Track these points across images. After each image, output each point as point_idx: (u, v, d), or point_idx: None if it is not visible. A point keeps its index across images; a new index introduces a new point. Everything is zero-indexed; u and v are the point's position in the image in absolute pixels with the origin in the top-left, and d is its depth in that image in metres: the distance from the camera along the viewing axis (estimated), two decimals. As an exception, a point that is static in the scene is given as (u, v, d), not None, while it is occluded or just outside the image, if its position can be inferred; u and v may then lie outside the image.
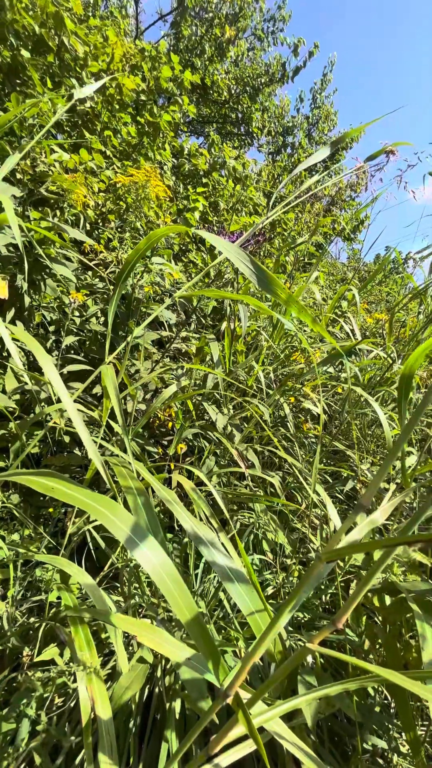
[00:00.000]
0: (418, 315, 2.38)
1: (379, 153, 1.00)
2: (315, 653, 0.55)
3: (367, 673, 0.37)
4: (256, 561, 1.12)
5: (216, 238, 0.69)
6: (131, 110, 2.90)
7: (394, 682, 0.30)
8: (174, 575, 0.41)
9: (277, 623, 0.32)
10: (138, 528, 0.42)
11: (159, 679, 0.71)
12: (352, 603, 0.33)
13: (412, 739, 0.58)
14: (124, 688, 0.57)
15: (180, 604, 0.40)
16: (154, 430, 1.55)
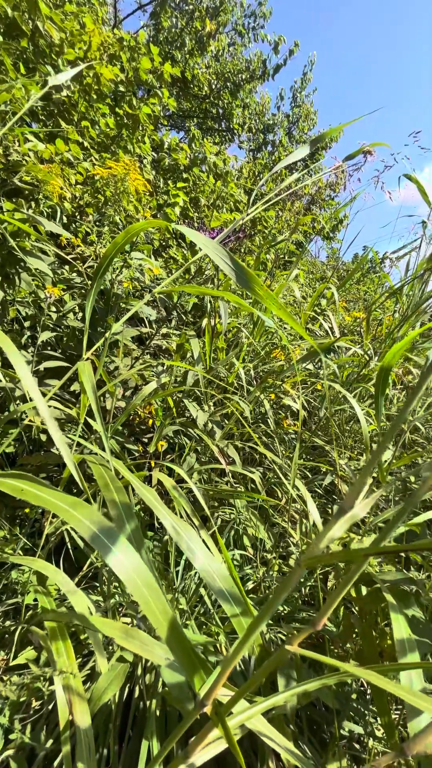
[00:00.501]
0: (394, 313, 2.44)
1: (357, 153, 1.02)
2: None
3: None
4: (236, 556, 1.13)
5: (196, 234, 0.69)
6: (109, 101, 2.84)
7: (369, 680, 0.30)
8: (148, 580, 0.39)
9: (253, 634, 0.32)
10: (110, 531, 0.41)
11: (139, 678, 0.71)
12: (331, 604, 0.33)
13: (387, 723, 0.60)
14: (103, 688, 0.56)
15: (155, 611, 0.37)
16: (134, 427, 1.54)
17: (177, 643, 0.35)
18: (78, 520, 0.39)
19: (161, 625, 0.35)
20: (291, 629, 0.78)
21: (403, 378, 2.05)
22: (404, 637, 0.55)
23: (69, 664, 0.48)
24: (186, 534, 0.59)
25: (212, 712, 0.32)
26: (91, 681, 0.76)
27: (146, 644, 0.50)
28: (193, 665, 0.35)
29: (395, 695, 0.76)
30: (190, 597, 0.93)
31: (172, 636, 0.35)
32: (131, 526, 0.46)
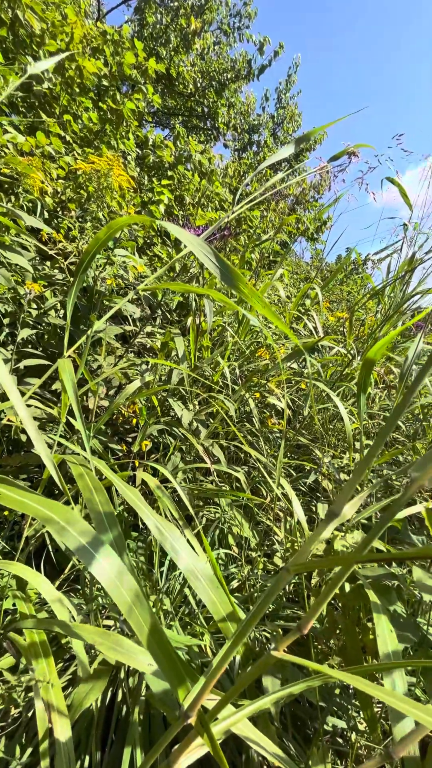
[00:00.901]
0: (376, 314, 2.49)
1: (342, 153, 1.02)
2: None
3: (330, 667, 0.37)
4: (221, 555, 1.13)
5: (180, 230, 0.68)
6: (93, 95, 2.79)
7: (354, 685, 0.30)
8: (132, 587, 0.38)
9: (238, 644, 0.31)
10: (92, 537, 0.40)
11: (122, 681, 0.70)
12: (317, 608, 0.33)
13: (370, 717, 0.60)
14: (84, 694, 0.55)
15: (138, 619, 0.36)
16: (117, 427, 1.51)
17: (160, 651, 0.34)
18: (57, 525, 0.37)
19: (144, 634, 0.34)
20: (276, 628, 0.79)
21: (384, 377, 2.09)
22: (386, 635, 0.55)
23: (48, 671, 0.47)
24: (170, 534, 0.58)
25: (197, 722, 0.32)
26: (73, 686, 0.74)
27: (130, 651, 0.48)
28: (177, 675, 0.34)
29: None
30: (175, 597, 0.92)
31: (156, 644, 0.34)
32: (113, 531, 0.45)
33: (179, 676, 0.33)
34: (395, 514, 0.27)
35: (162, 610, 0.86)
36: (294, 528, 1.15)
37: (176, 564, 0.54)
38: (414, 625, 0.60)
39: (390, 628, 0.52)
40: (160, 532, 0.58)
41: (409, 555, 0.21)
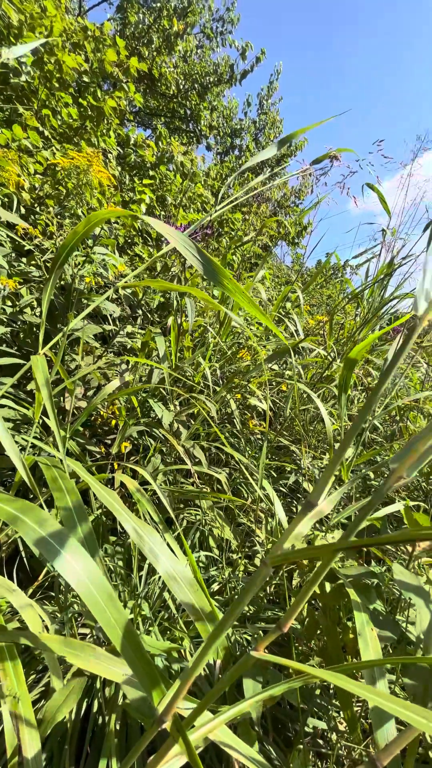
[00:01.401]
0: (355, 317, 2.53)
1: (324, 157, 1.04)
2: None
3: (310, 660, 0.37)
4: (202, 558, 1.11)
5: (163, 225, 0.66)
6: (72, 91, 2.74)
7: (336, 683, 0.30)
8: (103, 587, 0.36)
9: (215, 642, 0.30)
10: (59, 533, 0.38)
11: (98, 691, 0.67)
12: (298, 605, 0.32)
13: (350, 717, 0.60)
14: (57, 706, 0.52)
15: (111, 621, 0.34)
16: (95, 428, 1.48)
17: (134, 655, 0.32)
18: (22, 523, 0.35)
19: (116, 635, 0.32)
20: (256, 630, 0.78)
21: (363, 379, 2.13)
22: (367, 633, 0.55)
23: (18, 685, 0.44)
24: (149, 537, 0.56)
25: (173, 728, 0.30)
26: (46, 698, 0.71)
27: (102, 661, 0.46)
28: (151, 678, 0.32)
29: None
30: (154, 602, 0.90)
31: (129, 648, 0.32)
32: (84, 528, 0.43)
33: (153, 679, 0.32)
34: (377, 503, 0.26)
35: (140, 616, 0.83)
36: (275, 529, 1.14)
37: (155, 568, 0.52)
38: (393, 623, 0.60)
39: (371, 626, 0.52)
40: (139, 536, 0.56)
41: (390, 539, 0.20)
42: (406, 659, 0.29)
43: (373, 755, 0.31)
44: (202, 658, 0.32)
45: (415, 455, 0.27)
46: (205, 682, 0.68)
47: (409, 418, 1.88)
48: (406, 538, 0.25)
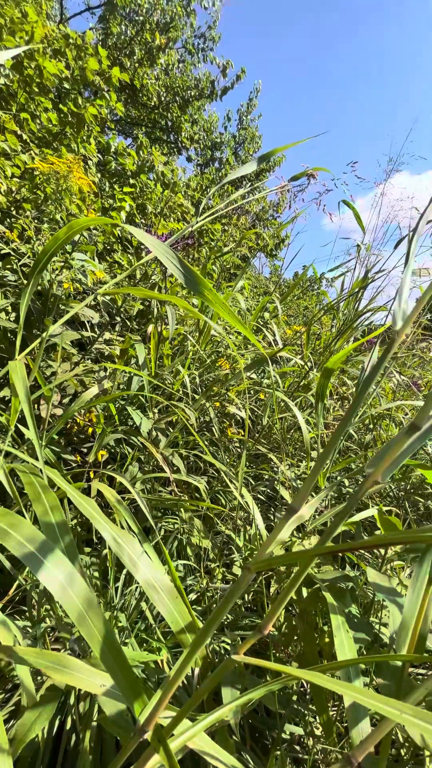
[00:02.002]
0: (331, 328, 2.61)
1: (302, 175, 1.08)
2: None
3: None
4: (179, 567, 1.10)
5: (145, 234, 0.67)
6: (53, 96, 2.73)
7: (313, 681, 0.31)
8: (85, 594, 0.36)
9: (197, 649, 0.30)
10: (42, 543, 0.37)
11: (72, 707, 0.65)
12: (278, 608, 0.33)
13: (325, 721, 0.61)
14: (28, 725, 0.50)
15: (92, 629, 0.34)
16: (71, 436, 1.45)
17: (115, 664, 0.32)
18: (3, 532, 0.34)
19: (97, 642, 0.32)
20: (235, 637, 0.78)
21: (338, 388, 2.19)
22: (342, 636, 0.57)
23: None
24: (128, 545, 0.56)
25: (153, 737, 0.30)
26: (17, 717, 0.68)
27: (80, 672, 0.45)
28: (133, 687, 0.32)
29: (334, 692, 0.79)
30: (131, 613, 0.88)
31: (110, 655, 0.32)
32: (65, 538, 0.42)
33: (135, 689, 0.32)
34: (353, 506, 0.27)
35: (117, 627, 0.82)
36: (254, 536, 1.15)
37: (134, 576, 0.52)
38: (367, 625, 0.62)
39: (346, 629, 0.54)
40: (118, 544, 0.56)
41: (366, 543, 0.22)
42: (377, 657, 0.30)
43: (348, 754, 0.32)
44: (185, 665, 0.32)
45: (389, 460, 0.29)
46: (183, 693, 0.67)
47: (382, 427, 1.95)
48: (381, 542, 0.26)
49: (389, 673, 0.53)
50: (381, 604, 0.76)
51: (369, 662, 0.61)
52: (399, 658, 0.28)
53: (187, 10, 7.47)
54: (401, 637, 0.40)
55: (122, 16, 7.22)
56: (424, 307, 3.11)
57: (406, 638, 0.40)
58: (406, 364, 2.81)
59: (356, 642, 0.56)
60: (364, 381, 0.33)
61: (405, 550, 0.82)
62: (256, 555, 0.28)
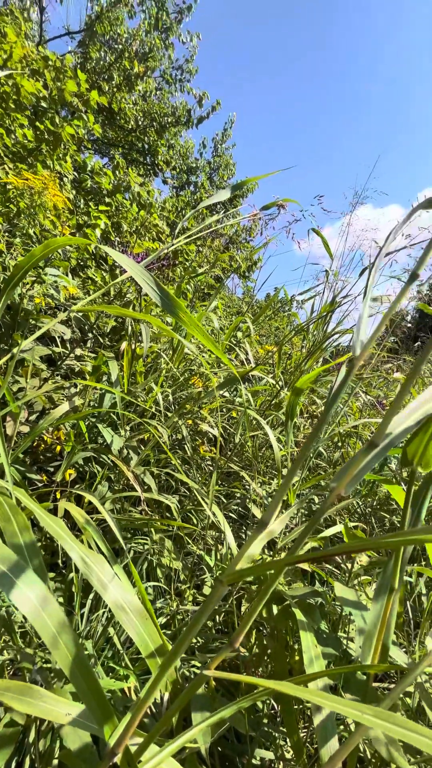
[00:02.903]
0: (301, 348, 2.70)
1: (272, 205, 1.14)
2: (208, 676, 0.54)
3: (258, 688, 0.38)
4: (149, 590, 1.07)
5: (121, 255, 0.69)
6: (29, 113, 2.74)
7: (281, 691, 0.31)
8: (57, 614, 0.35)
9: (167, 668, 0.30)
10: (13, 562, 0.36)
11: (32, 745, 0.61)
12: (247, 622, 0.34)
13: (296, 743, 0.61)
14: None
15: (63, 648, 0.34)
16: (38, 455, 1.40)
17: (86, 684, 0.31)
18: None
19: (67, 665, 0.31)
20: (206, 659, 0.76)
21: (308, 407, 2.25)
22: (311, 651, 0.57)
23: None
24: (96, 566, 0.54)
25: (123, 760, 0.29)
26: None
27: (44, 702, 0.43)
28: (104, 710, 0.31)
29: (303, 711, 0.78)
30: (97, 640, 0.85)
31: (82, 677, 0.31)
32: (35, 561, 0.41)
33: (106, 711, 0.31)
34: (320, 518, 0.29)
35: (82, 657, 0.78)
36: (225, 555, 1.15)
37: (103, 597, 0.51)
38: (336, 640, 0.63)
39: (315, 644, 0.54)
40: (86, 564, 0.54)
41: (334, 551, 0.23)
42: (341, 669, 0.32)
43: None
44: (155, 685, 0.32)
45: (351, 475, 0.31)
46: (153, 721, 0.65)
47: (350, 444, 2.01)
48: (345, 550, 0.28)
49: (356, 687, 0.54)
50: (349, 618, 0.77)
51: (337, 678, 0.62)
52: (361, 668, 0.29)
53: (166, 42, 7.81)
54: (366, 648, 0.41)
55: (101, 42, 7.44)
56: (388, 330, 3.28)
57: (370, 649, 0.42)
58: (372, 384, 2.94)
59: (325, 657, 0.57)
60: (328, 402, 0.35)
61: (371, 564, 0.85)
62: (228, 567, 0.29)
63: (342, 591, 0.63)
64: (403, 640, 0.97)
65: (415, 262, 0.32)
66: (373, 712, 0.21)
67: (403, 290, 0.27)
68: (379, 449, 0.29)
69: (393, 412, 0.28)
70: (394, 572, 0.40)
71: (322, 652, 0.57)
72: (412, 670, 0.32)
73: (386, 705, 0.39)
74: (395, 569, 0.40)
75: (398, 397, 0.28)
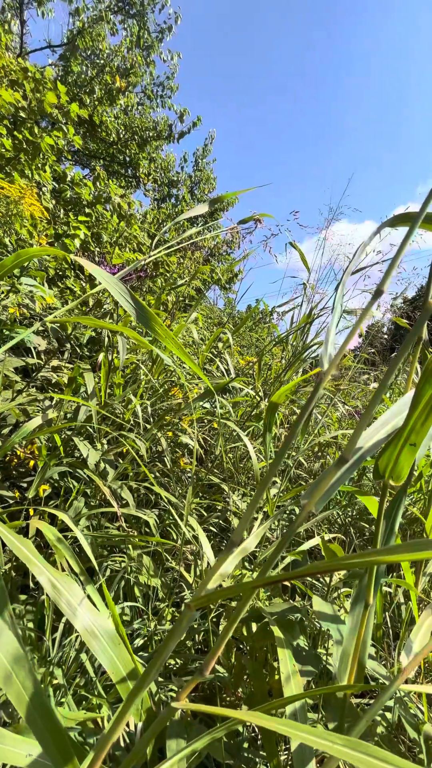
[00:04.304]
0: (281, 359, 2.73)
1: (249, 219, 1.16)
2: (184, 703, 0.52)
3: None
4: (125, 610, 1.04)
5: (96, 268, 0.68)
6: (7, 123, 2.72)
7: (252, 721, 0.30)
8: (12, 647, 0.32)
9: (135, 698, 0.29)
10: None
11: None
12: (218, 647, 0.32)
13: (275, 766, 0.59)
14: None
15: (17, 686, 0.31)
16: (10, 470, 1.34)
17: (43, 725, 0.29)
18: None
19: (24, 703, 0.29)
20: (183, 683, 0.73)
21: (289, 418, 2.27)
22: (289, 671, 0.56)
23: None
24: (66, 590, 0.52)
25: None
26: None
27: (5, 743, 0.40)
28: (62, 751, 0.29)
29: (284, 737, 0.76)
30: (69, 668, 0.81)
31: (38, 716, 0.29)
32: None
33: (65, 753, 0.29)
34: (290, 537, 0.28)
35: (52, 686, 0.74)
36: (204, 572, 1.12)
37: (72, 624, 0.48)
38: (315, 657, 0.62)
39: (293, 662, 0.53)
40: (56, 589, 0.52)
41: (302, 572, 0.22)
42: (316, 691, 0.31)
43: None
44: (121, 719, 0.30)
45: (321, 491, 0.31)
46: (124, 753, 0.62)
47: (330, 454, 2.03)
48: (313, 571, 0.27)
49: (336, 704, 0.53)
50: (329, 634, 0.76)
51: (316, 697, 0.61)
52: (336, 689, 0.28)
53: (147, 60, 7.96)
54: (341, 667, 0.41)
55: (83, 56, 7.52)
56: (366, 341, 3.36)
57: (346, 668, 0.41)
58: (351, 395, 3.00)
59: (304, 675, 0.55)
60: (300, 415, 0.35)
61: (350, 576, 0.84)
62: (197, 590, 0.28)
63: (320, 605, 0.63)
64: (383, 652, 0.97)
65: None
66: (344, 742, 0.21)
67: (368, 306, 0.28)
68: (349, 465, 0.28)
69: (362, 427, 0.28)
70: (368, 588, 0.39)
71: (301, 670, 0.55)
72: (385, 690, 0.32)
73: (362, 726, 0.38)
74: (369, 584, 0.40)
75: (367, 411, 0.28)
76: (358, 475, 1.72)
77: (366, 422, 0.28)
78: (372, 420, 0.80)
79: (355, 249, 0.43)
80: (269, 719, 0.24)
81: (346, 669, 0.41)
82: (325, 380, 0.28)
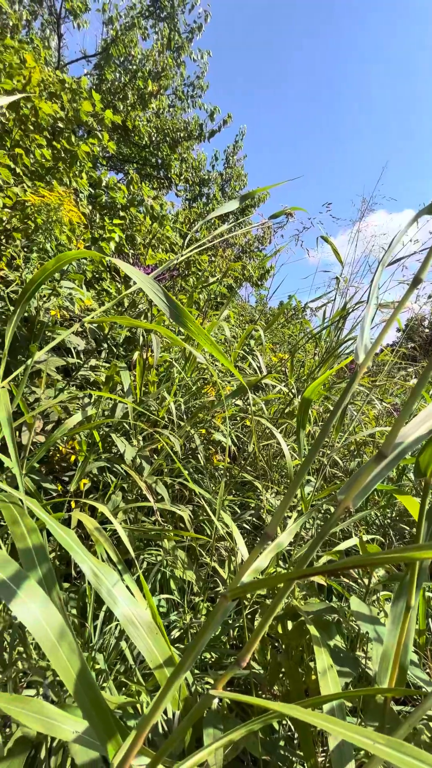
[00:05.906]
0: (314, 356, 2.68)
1: (280, 213, 1.14)
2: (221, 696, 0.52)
3: (269, 709, 0.36)
4: (162, 602, 1.06)
5: (131, 268, 0.69)
6: (47, 134, 2.85)
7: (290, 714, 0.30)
8: (60, 628, 0.35)
9: (174, 683, 0.30)
10: (16, 573, 0.36)
11: (43, 761, 0.60)
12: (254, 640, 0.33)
13: (312, 766, 0.58)
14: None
15: (66, 665, 0.33)
16: (53, 465, 1.41)
17: (89, 700, 0.31)
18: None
19: (70, 677, 0.31)
20: (218, 677, 0.74)
21: (323, 416, 2.22)
22: (327, 670, 0.55)
23: None
24: (107, 579, 0.54)
25: (127, 783, 0.28)
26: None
27: (51, 718, 0.43)
28: (107, 728, 0.31)
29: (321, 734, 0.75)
30: (109, 654, 0.84)
31: (84, 692, 0.31)
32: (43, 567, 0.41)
33: (109, 728, 0.30)
34: (328, 532, 0.28)
35: (94, 670, 0.77)
36: (239, 566, 1.13)
37: (113, 611, 0.50)
38: (353, 660, 0.60)
39: (330, 662, 0.52)
40: (97, 577, 0.54)
41: (340, 565, 0.22)
42: (356, 692, 0.30)
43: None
44: (160, 703, 0.31)
45: (359, 487, 0.30)
46: (163, 739, 0.63)
47: (366, 453, 1.97)
48: (352, 564, 0.27)
49: (376, 710, 0.51)
50: (367, 636, 0.74)
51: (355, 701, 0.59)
52: (376, 691, 0.27)
53: (177, 61, 8.04)
54: (381, 669, 0.39)
55: (116, 64, 7.72)
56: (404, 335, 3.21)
57: (386, 671, 0.39)
58: (389, 392, 2.88)
59: (341, 676, 0.54)
60: (334, 408, 0.34)
61: (389, 579, 0.82)
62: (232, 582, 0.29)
63: (358, 606, 0.61)
64: (426, 660, 0.93)
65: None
66: (385, 741, 0.20)
67: (405, 296, 0.26)
68: (389, 460, 0.27)
69: (402, 421, 0.27)
70: (410, 589, 0.38)
71: (338, 671, 0.54)
72: (429, 696, 0.30)
73: (404, 731, 0.36)
74: (411, 585, 0.38)
75: (407, 405, 0.27)
76: (397, 475, 1.65)
77: (406, 417, 0.27)
78: (412, 415, 0.76)
79: (391, 239, 0.41)
80: (308, 713, 0.24)
81: (386, 672, 0.39)
82: (361, 372, 0.27)
